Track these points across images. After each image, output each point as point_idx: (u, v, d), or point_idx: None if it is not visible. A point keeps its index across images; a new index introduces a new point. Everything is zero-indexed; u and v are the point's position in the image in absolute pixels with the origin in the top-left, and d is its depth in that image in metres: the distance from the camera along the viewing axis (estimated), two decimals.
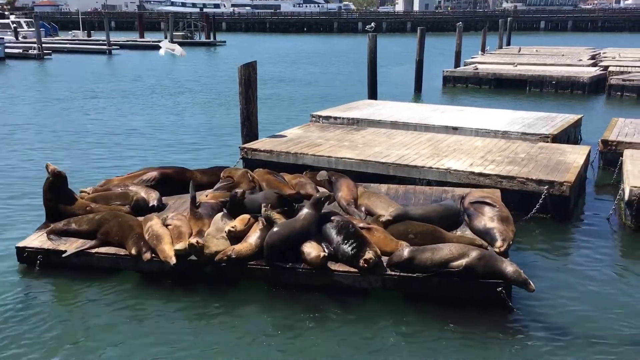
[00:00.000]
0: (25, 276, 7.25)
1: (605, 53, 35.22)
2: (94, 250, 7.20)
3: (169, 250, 6.80)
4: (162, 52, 11.91)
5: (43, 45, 41.85)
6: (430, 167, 9.82)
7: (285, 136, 12.18)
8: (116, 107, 20.95)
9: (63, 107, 20.89)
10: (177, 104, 21.69)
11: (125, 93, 24.57)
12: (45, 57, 40.88)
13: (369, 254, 6.43)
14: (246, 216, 7.25)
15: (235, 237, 6.98)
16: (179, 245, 6.82)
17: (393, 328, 6.17)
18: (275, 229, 6.79)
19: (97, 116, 18.98)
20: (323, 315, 6.38)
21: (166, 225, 7.31)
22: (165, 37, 57.23)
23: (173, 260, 6.71)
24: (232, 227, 7.02)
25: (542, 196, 8.92)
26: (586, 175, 11.11)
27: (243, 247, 6.82)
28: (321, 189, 8.63)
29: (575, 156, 10.42)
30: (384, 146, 11.25)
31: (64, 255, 7.12)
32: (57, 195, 7.82)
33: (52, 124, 17.62)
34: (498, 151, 10.81)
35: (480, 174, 9.44)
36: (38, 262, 7.27)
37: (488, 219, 7.39)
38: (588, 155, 10.85)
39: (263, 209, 7.07)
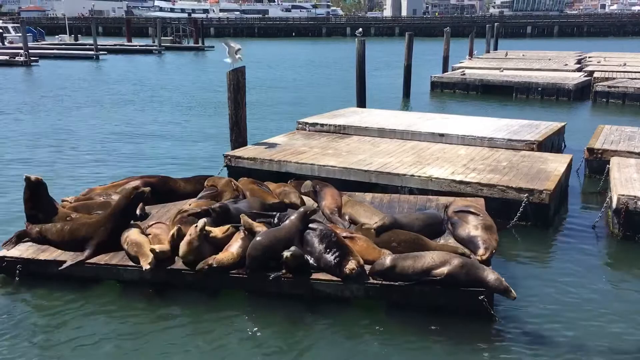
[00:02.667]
0: (4, 286, 7.15)
1: (590, 58, 35.53)
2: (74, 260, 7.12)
3: (149, 255, 6.77)
4: (229, 60, 11.84)
5: (30, 51, 41.51)
6: (412, 175, 9.82)
7: (269, 144, 12.14)
8: (101, 114, 20.79)
9: (48, 115, 20.70)
10: (163, 111, 21.58)
11: (112, 100, 24.41)
12: (32, 63, 40.58)
13: (351, 264, 6.41)
14: (226, 226, 7.23)
15: (211, 242, 6.95)
16: (158, 247, 6.82)
17: (375, 337, 6.14)
18: (258, 239, 6.75)
19: (82, 124, 18.81)
20: (305, 324, 6.34)
21: (146, 234, 7.27)
22: (154, 42, 57.17)
23: (147, 266, 6.67)
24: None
25: (523, 204, 8.93)
26: (568, 183, 11.13)
27: (224, 256, 6.78)
28: (306, 199, 8.60)
29: (556, 164, 10.45)
30: (368, 154, 11.24)
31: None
32: (38, 204, 7.73)
33: (36, 132, 17.45)
34: (481, 159, 10.83)
35: (462, 182, 9.45)
36: (17, 271, 7.19)
37: (472, 227, 7.39)
38: (570, 164, 10.86)
39: (243, 219, 7.06)
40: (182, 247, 6.81)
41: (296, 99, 24.89)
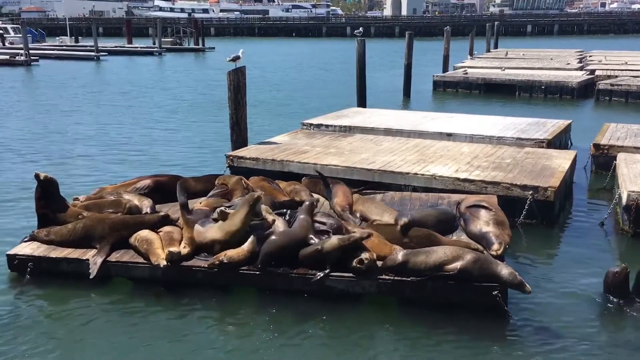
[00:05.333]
0: (15, 284, 7.18)
1: (591, 56, 35.57)
2: (85, 257, 7.13)
3: (159, 253, 6.81)
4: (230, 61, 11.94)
5: (30, 51, 41.58)
6: (416, 173, 9.80)
7: (272, 143, 12.14)
8: (106, 114, 20.80)
9: (52, 115, 20.72)
10: (166, 112, 21.55)
11: (114, 100, 24.41)
12: (32, 63, 40.63)
13: (365, 254, 6.42)
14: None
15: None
16: (174, 248, 6.84)
17: (387, 333, 6.15)
18: (274, 238, 6.78)
19: (87, 124, 18.82)
20: (316, 321, 6.34)
21: (157, 232, 7.29)
22: (154, 43, 57.15)
23: (163, 262, 6.70)
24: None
25: (528, 201, 8.91)
26: (573, 179, 11.14)
27: (235, 252, 6.79)
28: (316, 196, 8.61)
29: (560, 161, 10.44)
30: (371, 153, 11.22)
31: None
32: (49, 203, 7.74)
33: (41, 132, 17.46)
34: (484, 156, 10.82)
35: (466, 180, 9.43)
36: (29, 269, 7.21)
37: (484, 222, 7.37)
38: (574, 160, 10.85)
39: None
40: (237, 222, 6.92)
41: (296, 98, 24.85)
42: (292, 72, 36.65)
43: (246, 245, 6.88)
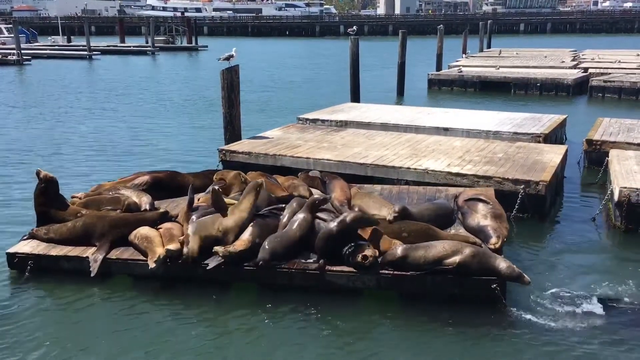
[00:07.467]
0: (15, 282, 7.17)
1: (584, 55, 35.76)
2: (85, 255, 7.13)
3: (158, 251, 6.80)
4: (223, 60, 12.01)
5: (22, 51, 41.40)
6: (408, 168, 9.86)
7: (265, 138, 12.17)
8: (99, 113, 20.73)
9: (46, 114, 20.61)
10: (160, 110, 21.51)
11: (107, 99, 24.32)
12: (24, 62, 40.44)
13: (368, 251, 6.47)
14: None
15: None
16: (172, 246, 6.83)
17: (387, 327, 6.19)
18: (273, 238, 6.80)
19: (81, 122, 18.77)
20: (317, 315, 6.37)
21: (157, 229, 7.30)
22: (147, 42, 56.99)
23: (152, 264, 6.69)
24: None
25: (520, 195, 8.98)
26: (564, 174, 11.20)
27: (239, 244, 6.76)
28: (315, 191, 8.64)
29: (551, 155, 10.51)
30: (363, 147, 11.27)
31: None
32: (49, 201, 7.73)
33: (36, 131, 17.39)
34: (476, 151, 10.88)
35: (458, 174, 9.50)
36: (28, 267, 7.20)
37: (481, 216, 7.42)
38: (565, 155, 10.91)
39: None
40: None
41: (289, 97, 24.80)
42: (285, 71, 36.61)
43: (246, 237, 6.87)
